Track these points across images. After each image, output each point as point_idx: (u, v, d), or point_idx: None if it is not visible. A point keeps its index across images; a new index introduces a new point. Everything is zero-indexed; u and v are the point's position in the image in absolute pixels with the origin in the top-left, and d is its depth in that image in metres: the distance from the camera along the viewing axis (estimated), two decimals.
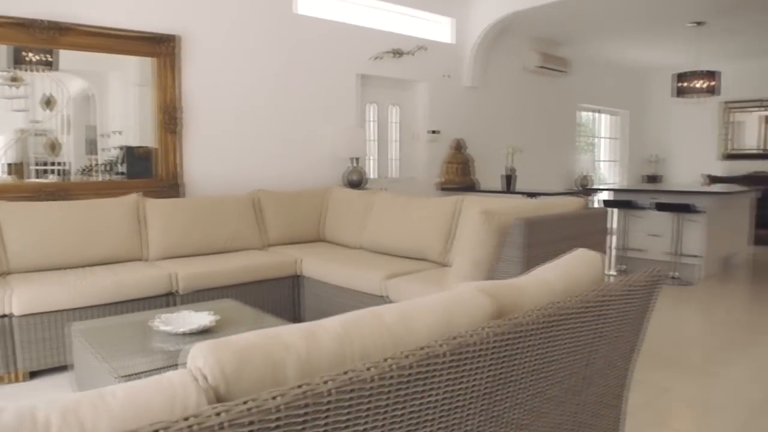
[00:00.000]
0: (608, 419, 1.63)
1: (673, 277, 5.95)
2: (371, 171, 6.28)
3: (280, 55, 5.27)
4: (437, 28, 6.73)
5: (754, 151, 9.34)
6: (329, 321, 0.97)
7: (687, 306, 5.09)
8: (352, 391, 0.77)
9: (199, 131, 4.81)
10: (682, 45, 7.84)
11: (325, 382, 0.76)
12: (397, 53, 6.20)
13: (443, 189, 6.56)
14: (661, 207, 6.03)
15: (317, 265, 4.09)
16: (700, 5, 6.20)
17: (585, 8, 6.36)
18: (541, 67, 7.57)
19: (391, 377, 0.81)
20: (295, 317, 4.24)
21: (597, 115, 9.68)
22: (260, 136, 5.19)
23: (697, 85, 7.28)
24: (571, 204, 3.26)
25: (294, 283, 4.23)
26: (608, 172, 10.15)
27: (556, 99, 8.32)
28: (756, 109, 9.29)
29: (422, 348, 0.87)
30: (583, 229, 3.17)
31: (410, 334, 0.98)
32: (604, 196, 6.87)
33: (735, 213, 6.72)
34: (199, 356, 0.87)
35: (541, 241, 2.74)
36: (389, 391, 0.82)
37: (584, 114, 9.50)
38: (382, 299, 3.54)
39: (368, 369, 0.80)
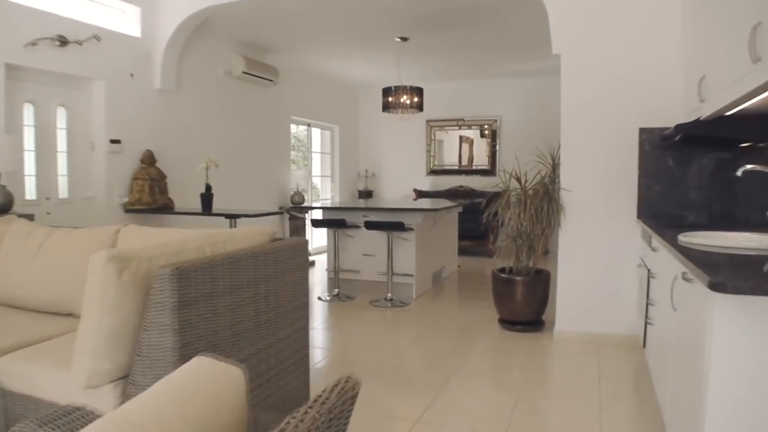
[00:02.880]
0: None
1: (387, 299, 5.70)
2: (28, 191, 4.84)
3: None
4: (119, 17, 5.54)
5: (455, 167, 9.95)
6: None
7: (402, 333, 4.78)
8: None
9: None
10: (389, 61, 7.86)
11: None
12: (63, 41, 4.89)
13: (130, 211, 5.39)
14: (371, 226, 5.73)
15: None
16: (403, 20, 6.11)
17: (287, 11, 5.82)
18: (247, 73, 6.86)
19: None
20: None
21: (308, 128, 9.32)
22: None
23: (404, 101, 7.29)
24: (255, 236, 2.48)
25: None
26: (322, 188, 9.89)
27: (266, 110, 7.68)
28: (454, 128, 9.91)
29: None
30: (272, 269, 2.42)
31: None
32: (317, 214, 6.40)
33: (443, 228, 6.81)
34: None
35: (204, 294, 1.93)
36: None
37: (300, 127, 9.07)
38: None
39: None
